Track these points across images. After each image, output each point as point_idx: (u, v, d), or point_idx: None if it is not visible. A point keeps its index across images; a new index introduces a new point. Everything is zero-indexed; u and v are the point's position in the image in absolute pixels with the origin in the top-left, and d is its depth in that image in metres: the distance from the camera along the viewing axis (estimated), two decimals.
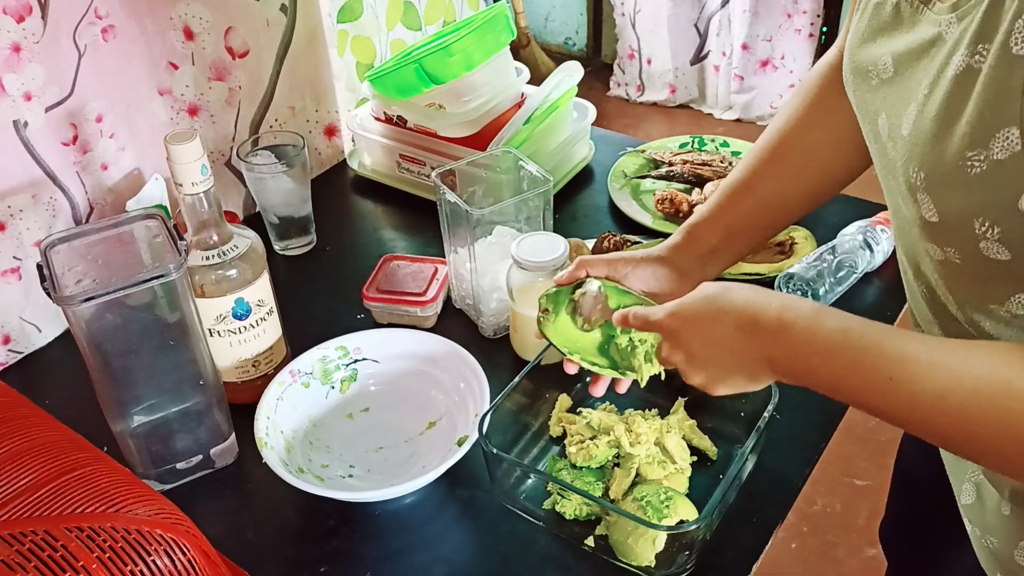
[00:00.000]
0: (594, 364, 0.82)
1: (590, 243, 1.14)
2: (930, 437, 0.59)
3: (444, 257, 1.10)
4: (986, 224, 0.54)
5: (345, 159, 1.44)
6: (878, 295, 1.10)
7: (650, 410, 0.93)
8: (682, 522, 0.78)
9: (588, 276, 0.85)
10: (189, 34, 1.13)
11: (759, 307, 0.65)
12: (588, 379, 0.97)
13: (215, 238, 0.87)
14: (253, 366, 0.95)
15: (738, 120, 3.23)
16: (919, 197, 0.58)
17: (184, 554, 0.56)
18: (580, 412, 0.91)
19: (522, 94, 1.31)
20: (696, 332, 0.70)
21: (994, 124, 0.51)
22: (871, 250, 1.10)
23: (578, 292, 0.84)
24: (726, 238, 0.86)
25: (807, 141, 0.84)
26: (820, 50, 3.03)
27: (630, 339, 0.80)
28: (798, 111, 0.84)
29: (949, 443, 0.60)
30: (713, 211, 0.87)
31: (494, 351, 1.03)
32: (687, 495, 0.83)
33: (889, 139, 0.62)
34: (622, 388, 0.86)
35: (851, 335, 0.60)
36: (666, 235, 1.01)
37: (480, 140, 1.21)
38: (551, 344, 0.84)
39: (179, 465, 0.89)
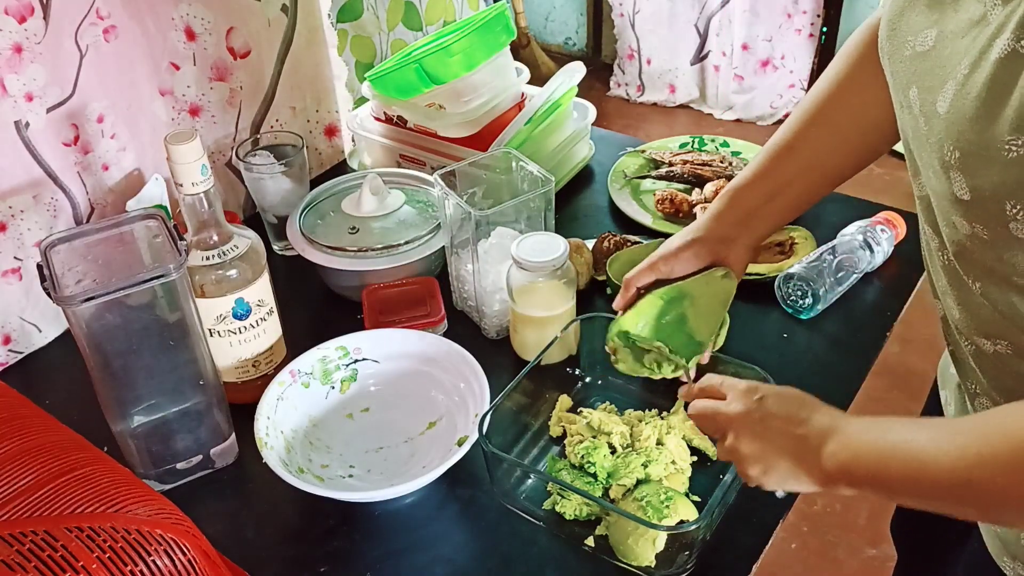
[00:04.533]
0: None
1: (590, 243, 1.14)
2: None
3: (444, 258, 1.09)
4: (1018, 207, 0.54)
5: (345, 159, 1.44)
6: (878, 295, 1.10)
7: (650, 410, 0.93)
8: (682, 522, 0.78)
9: (641, 292, 0.85)
10: (191, 34, 1.13)
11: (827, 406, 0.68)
12: (589, 379, 0.98)
13: (215, 238, 0.87)
14: (253, 366, 0.95)
15: (738, 120, 3.23)
16: (952, 175, 0.58)
17: (184, 554, 0.56)
18: (580, 412, 0.91)
19: (522, 94, 1.31)
20: (768, 400, 0.71)
21: None
22: (871, 250, 1.10)
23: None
24: (768, 200, 0.86)
25: (855, 102, 0.82)
26: (820, 50, 3.03)
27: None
28: (843, 72, 0.83)
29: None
30: (755, 173, 0.86)
31: (494, 351, 1.03)
32: (687, 495, 0.83)
33: (921, 114, 0.62)
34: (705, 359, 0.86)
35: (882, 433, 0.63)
36: (666, 235, 1.00)
37: (480, 140, 1.21)
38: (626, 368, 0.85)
39: (179, 465, 0.89)
